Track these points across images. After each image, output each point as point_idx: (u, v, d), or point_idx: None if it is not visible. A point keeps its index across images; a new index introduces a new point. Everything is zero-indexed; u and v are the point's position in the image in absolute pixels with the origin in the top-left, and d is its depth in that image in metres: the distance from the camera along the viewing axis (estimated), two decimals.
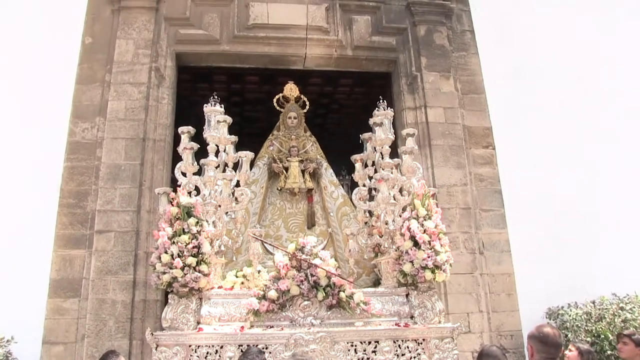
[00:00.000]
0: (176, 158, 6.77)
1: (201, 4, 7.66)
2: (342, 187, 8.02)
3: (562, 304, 6.72)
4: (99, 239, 6.35)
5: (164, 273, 5.00)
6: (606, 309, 6.39)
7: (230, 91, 9.36)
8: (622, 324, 6.11)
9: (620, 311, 6.30)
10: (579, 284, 6.76)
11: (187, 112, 8.57)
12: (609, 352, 5.99)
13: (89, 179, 6.64)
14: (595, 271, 6.92)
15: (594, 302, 6.59)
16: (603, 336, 6.11)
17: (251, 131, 10.32)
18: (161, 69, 7.23)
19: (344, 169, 8.96)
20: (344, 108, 10.20)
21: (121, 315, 6.10)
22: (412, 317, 5.40)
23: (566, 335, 6.29)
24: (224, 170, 5.77)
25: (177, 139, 6.97)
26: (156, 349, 4.88)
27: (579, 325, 6.31)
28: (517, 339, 6.69)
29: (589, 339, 6.14)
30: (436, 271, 5.26)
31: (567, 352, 4.86)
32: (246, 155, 5.91)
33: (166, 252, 5.04)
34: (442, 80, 7.68)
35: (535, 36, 8.22)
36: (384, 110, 6.06)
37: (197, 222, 5.26)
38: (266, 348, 4.91)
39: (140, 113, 6.91)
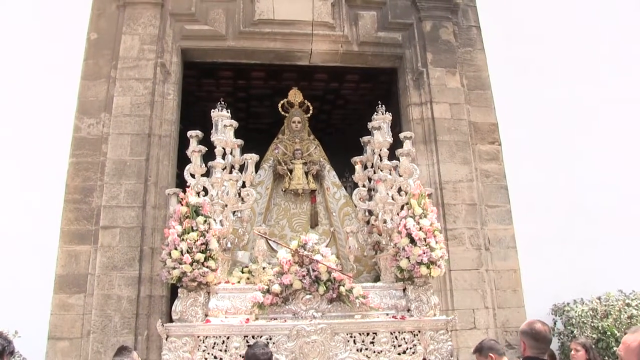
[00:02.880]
0: (181, 154, 6.82)
1: (207, 0, 7.65)
2: (346, 188, 8.24)
3: (567, 300, 6.69)
4: (104, 235, 6.37)
5: (174, 268, 5.24)
6: (612, 305, 6.37)
7: (236, 87, 9.35)
8: (628, 320, 6.10)
9: (626, 307, 6.29)
10: (584, 280, 6.74)
11: (193, 108, 8.59)
12: (614, 348, 5.96)
13: (95, 175, 6.65)
14: (601, 267, 6.90)
15: (599, 299, 6.56)
16: (609, 332, 6.09)
17: (257, 127, 10.33)
18: (167, 64, 7.23)
19: (347, 171, 9.02)
20: (349, 104, 10.17)
21: (126, 310, 6.11)
22: (408, 310, 5.67)
23: (572, 332, 6.29)
24: (230, 172, 6.06)
25: (182, 135, 7.01)
26: (166, 339, 5.11)
27: (585, 321, 6.29)
28: None
29: (594, 335, 6.13)
30: (431, 267, 5.52)
31: (572, 352, 4.86)
32: (251, 157, 6.26)
33: (176, 249, 5.29)
34: (448, 76, 7.65)
35: (541, 31, 8.19)
36: (382, 114, 6.34)
37: (205, 221, 5.50)
38: (270, 339, 5.17)
39: (146, 109, 6.91)
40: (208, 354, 5.12)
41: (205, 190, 5.97)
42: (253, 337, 5.17)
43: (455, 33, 7.98)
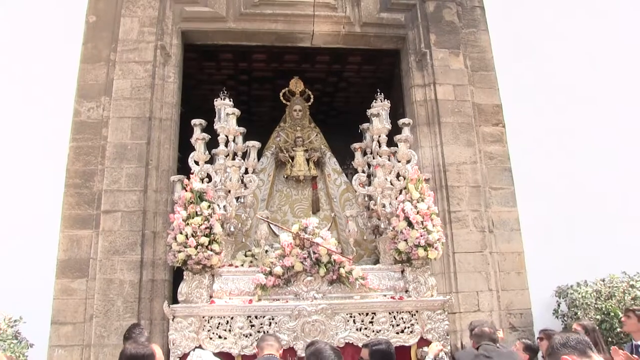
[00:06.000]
0: (182, 137, 6.77)
1: None
2: (347, 174, 8.39)
3: (571, 282, 6.67)
4: (105, 219, 6.33)
5: (180, 252, 5.48)
6: (616, 287, 6.34)
7: (237, 69, 9.25)
8: (632, 302, 6.07)
9: (630, 289, 6.26)
10: (588, 262, 6.69)
11: (194, 91, 8.52)
12: (618, 329, 5.95)
13: (95, 159, 6.62)
14: (605, 249, 6.85)
15: (603, 280, 6.53)
16: (613, 314, 6.07)
17: (258, 110, 10.26)
18: (167, 47, 7.14)
19: (348, 157, 9.04)
20: (352, 86, 10.07)
21: (129, 295, 6.10)
22: (406, 291, 5.96)
23: (575, 314, 6.28)
24: (233, 159, 6.26)
25: (183, 118, 6.96)
26: (173, 320, 5.37)
27: (589, 303, 6.27)
28: (527, 318, 6.68)
29: (598, 316, 6.11)
30: (428, 249, 5.79)
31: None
32: (254, 144, 6.60)
33: (181, 233, 5.51)
34: (451, 57, 7.56)
35: (546, 12, 8.08)
36: (381, 102, 6.58)
37: (209, 206, 5.73)
38: (272, 319, 5.46)
39: (146, 92, 6.85)
40: (213, 333, 5.40)
41: (209, 176, 6.18)
42: (256, 317, 5.45)
43: (458, 14, 7.85)
